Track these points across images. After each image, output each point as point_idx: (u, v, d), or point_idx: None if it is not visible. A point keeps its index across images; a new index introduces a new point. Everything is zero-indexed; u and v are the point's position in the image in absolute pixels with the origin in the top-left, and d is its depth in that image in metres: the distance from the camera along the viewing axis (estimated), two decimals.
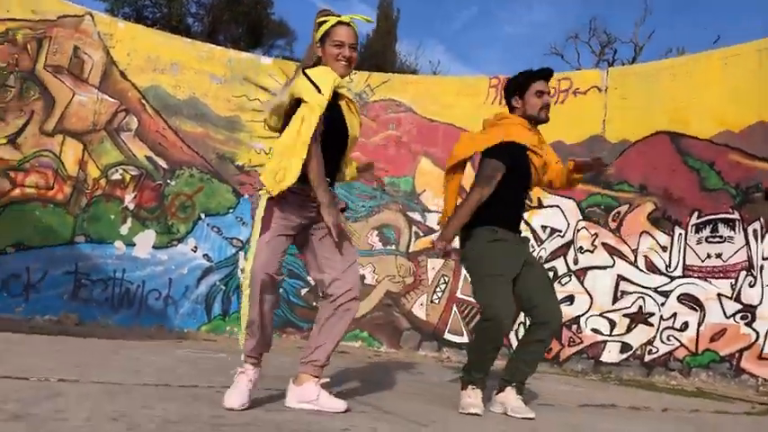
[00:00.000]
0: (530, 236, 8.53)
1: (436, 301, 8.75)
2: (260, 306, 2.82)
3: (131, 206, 8.32)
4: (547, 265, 8.37)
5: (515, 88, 3.68)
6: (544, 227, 8.54)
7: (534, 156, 3.59)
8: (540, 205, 8.59)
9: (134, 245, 8.31)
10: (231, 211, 8.79)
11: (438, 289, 8.80)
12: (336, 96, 2.98)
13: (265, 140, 9.00)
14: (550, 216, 8.53)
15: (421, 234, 9.04)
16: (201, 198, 8.68)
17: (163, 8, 14.23)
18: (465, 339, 8.58)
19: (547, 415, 3.30)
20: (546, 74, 3.66)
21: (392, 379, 4.65)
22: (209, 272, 8.60)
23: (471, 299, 8.68)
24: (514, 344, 6.68)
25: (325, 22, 3.04)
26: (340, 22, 3.03)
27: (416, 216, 9.05)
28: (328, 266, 2.97)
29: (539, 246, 8.49)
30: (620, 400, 4.34)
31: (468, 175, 3.94)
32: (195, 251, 8.56)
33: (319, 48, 3.05)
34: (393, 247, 9.02)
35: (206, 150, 8.75)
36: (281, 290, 8.73)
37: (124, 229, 8.27)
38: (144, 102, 8.47)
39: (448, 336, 8.64)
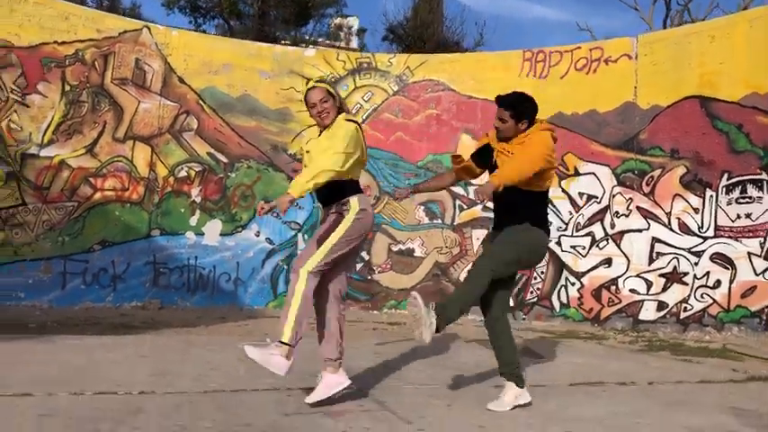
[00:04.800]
0: (567, 203, 8.97)
1: None
2: None
3: (198, 199, 9.20)
4: (584, 230, 8.83)
5: None
6: (581, 193, 8.94)
7: None
8: (577, 173, 8.97)
9: (203, 234, 9.22)
10: None
11: None
12: None
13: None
14: (587, 183, 8.90)
15: (465, 207, 9.58)
16: (260, 187, 9.48)
17: None
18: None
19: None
20: None
21: (413, 362, 5.31)
22: (272, 254, 9.46)
23: None
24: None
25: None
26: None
27: (460, 190, 9.57)
28: None
29: (576, 212, 8.91)
30: (618, 374, 4.86)
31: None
32: (258, 236, 9.41)
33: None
34: (439, 221, 9.61)
35: (261, 142, 9.51)
36: None
37: (193, 221, 9.18)
38: (201, 103, 9.25)
39: None
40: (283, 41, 16.92)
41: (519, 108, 3.90)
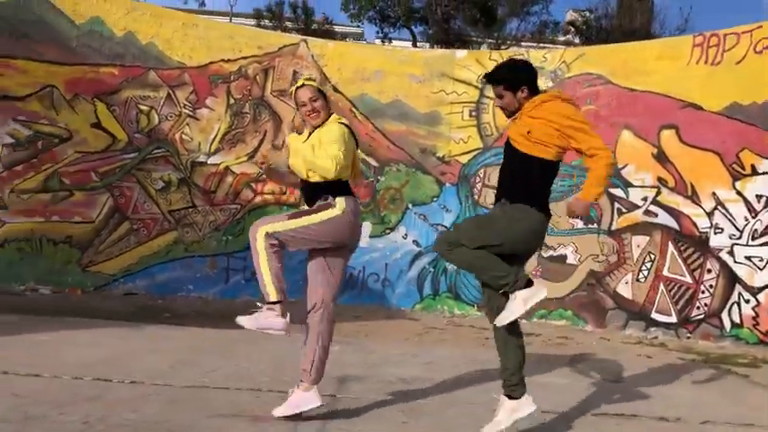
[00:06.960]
0: (743, 206, 7.80)
1: (642, 280, 8.48)
2: None
3: None
4: (763, 239, 7.62)
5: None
6: (759, 196, 7.73)
7: None
8: (754, 172, 7.76)
9: None
10: (435, 199, 9.55)
11: (644, 267, 8.51)
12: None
13: (464, 130, 9.56)
14: (766, 184, 7.68)
15: (624, 210, 8.78)
16: (408, 190, 9.59)
17: (401, 5, 15.39)
18: (674, 319, 8.21)
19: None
20: None
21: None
22: (419, 256, 9.50)
23: (679, 277, 8.27)
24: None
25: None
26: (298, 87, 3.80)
27: (618, 192, 8.80)
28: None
29: (753, 217, 7.71)
30: (682, 408, 4.10)
31: None
32: (405, 238, 9.53)
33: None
34: (595, 226, 8.91)
35: (410, 146, 9.61)
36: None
37: None
38: (353, 110, 9.60)
39: (655, 315, 8.34)
40: (482, 43, 16.89)
41: (510, 77, 3.54)
